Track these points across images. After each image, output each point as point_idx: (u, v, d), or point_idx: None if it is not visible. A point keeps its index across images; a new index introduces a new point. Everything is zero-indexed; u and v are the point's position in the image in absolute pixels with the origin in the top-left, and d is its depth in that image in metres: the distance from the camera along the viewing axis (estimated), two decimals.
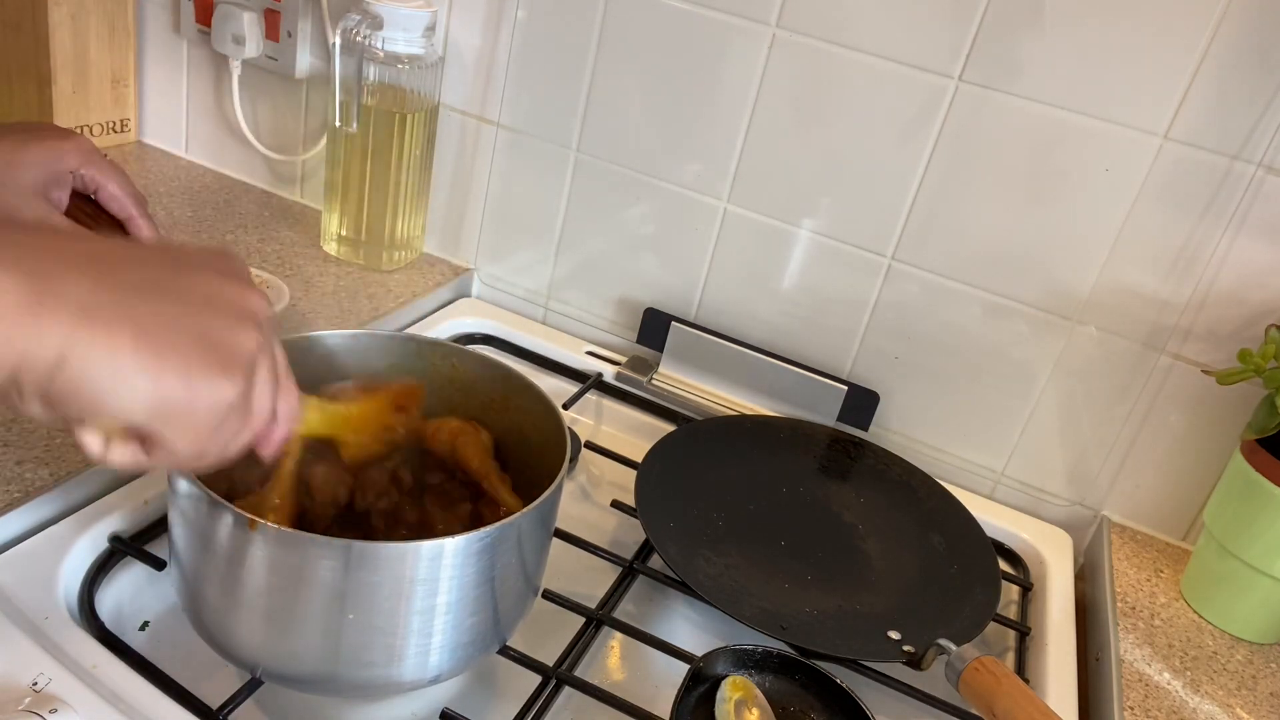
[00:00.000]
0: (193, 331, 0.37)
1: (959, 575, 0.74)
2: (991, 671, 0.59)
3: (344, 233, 0.98)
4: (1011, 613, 0.77)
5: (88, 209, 0.62)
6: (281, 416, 0.44)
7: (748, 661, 0.60)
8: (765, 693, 0.58)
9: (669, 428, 0.86)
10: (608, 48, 0.89)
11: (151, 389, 0.35)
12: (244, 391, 0.39)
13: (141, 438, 0.38)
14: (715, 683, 0.58)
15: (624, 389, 0.93)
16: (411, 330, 0.93)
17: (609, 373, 0.94)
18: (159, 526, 0.63)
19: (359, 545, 0.47)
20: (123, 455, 0.38)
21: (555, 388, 0.92)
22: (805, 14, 0.81)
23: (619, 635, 0.66)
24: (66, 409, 0.35)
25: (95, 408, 0.35)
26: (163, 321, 0.36)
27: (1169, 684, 0.69)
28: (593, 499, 0.81)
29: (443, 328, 0.95)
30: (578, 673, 0.61)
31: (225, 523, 0.48)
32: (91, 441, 0.38)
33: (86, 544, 0.59)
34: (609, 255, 0.96)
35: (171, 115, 1.13)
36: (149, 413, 0.36)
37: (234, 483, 0.55)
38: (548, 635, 0.62)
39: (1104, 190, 0.77)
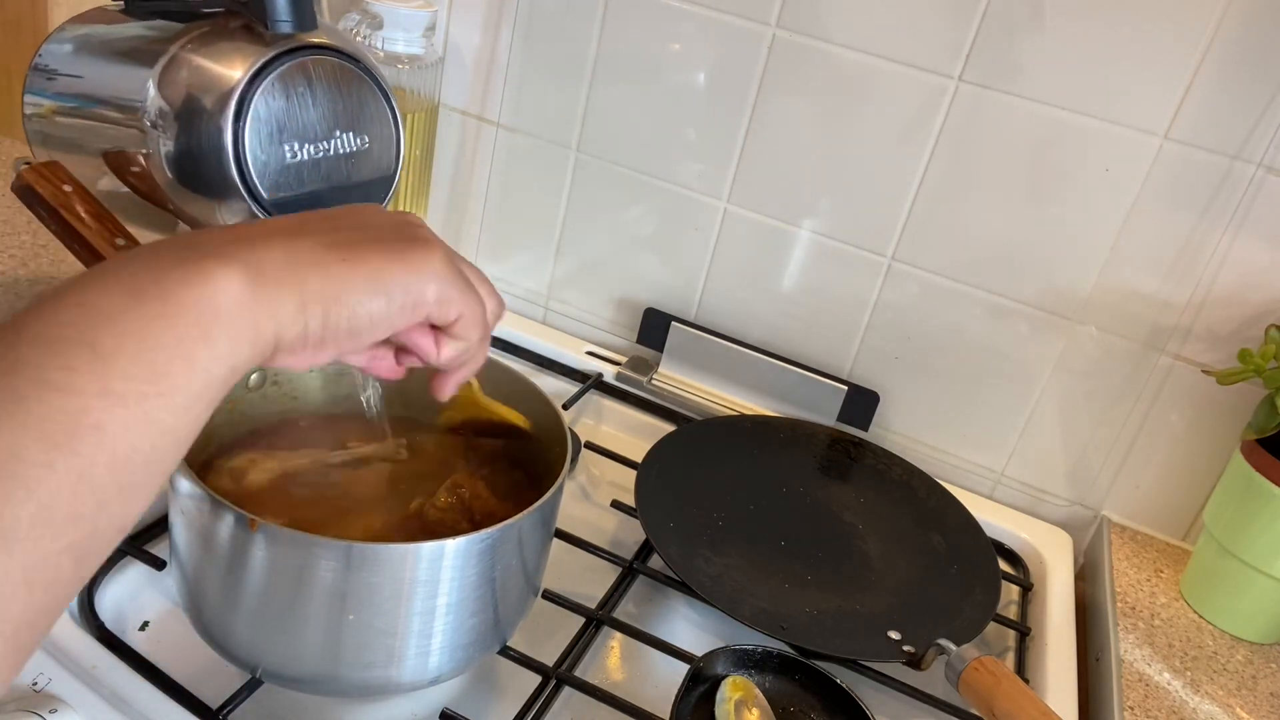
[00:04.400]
0: (375, 238, 0.40)
1: (959, 575, 0.74)
2: (991, 671, 0.59)
3: None
4: (1011, 613, 0.77)
5: None
6: (488, 291, 0.46)
7: (748, 661, 0.60)
8: (765, 693, 0.58)
9: (669, 428, 0.86)
10: (608, 48, 0.89)
11: (378, 284, 0.39)
12: (447, 255, 0.42)
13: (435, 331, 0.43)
14: (715, 683, 0.58)
15: (624, 389, 0.93)
16: None
17: (609, 373, 0.94)
18: (159, 526, 0.63)
19: (359, 546, 0.47)
20: (450, 347, 0.43)
21: (555, 388, 0.92)
22: (805, 14, 0.81)
23: (619, 635, 0.66)
24: (345, 337, 0.38)
25: (355, 321, 0.38)
26: (351, 241, 0.39)
27: (1169, 684, 0.69)
28: (593, 499, 0.81)
29: None
30: (578, 673, 0.61)
31: (225, 523, 0.48)
32: (425, 345, 0.43)
33: None
34: (609, 255, 0.96)
35: None
36: (394, 302, 0.39)
37: None
38: (548, 635, 0.62)
39: (1104, 190, 0.77)
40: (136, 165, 0.55)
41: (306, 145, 0.55)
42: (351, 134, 0.57)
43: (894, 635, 0.67)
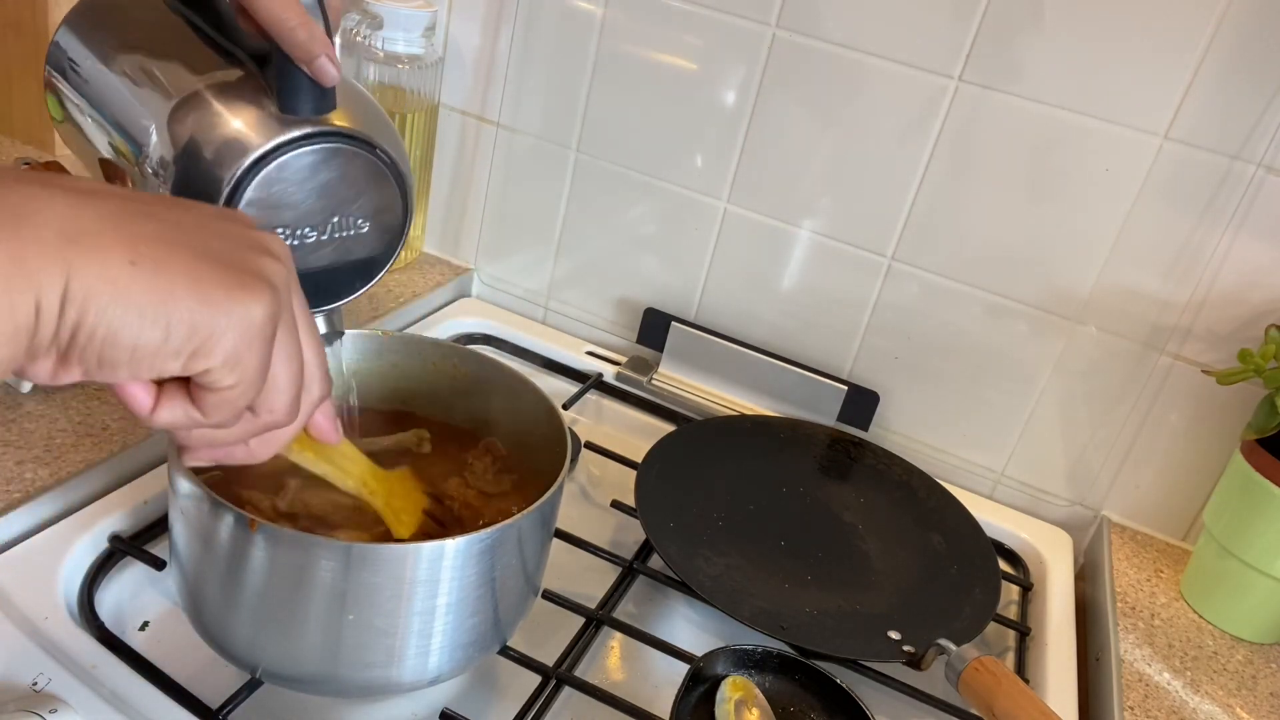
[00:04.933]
0: (199, 249, 0.33)
1: (959, 575, 0.74)
2: (991, 671, 0.59)
3: None
4: (1011, 613, 0.77)
5: None
6: (310, 376, 0.38)
7: (748, 661, 0.60)
8: (765, 693, 0.58)
9: (669, 428, 0.86)
10: (608, 48, 0.89)
11: (161, 309, 0.32)
12: (273, 314, 0.34)
13: (188, 389, 0.34)
14: (715, 683, 0.58)
15: (624, 389, 0.93)
16: (411, 330, 0.93)
17: (609, 373, 0.94)
18: (159, 526, 0.63)
19: (359, 546, 0.47)
20: (172, 412, 0.35)
21: (555, 388, 0.92)
22: (805, 14, 0.81)
23: (619, 635, 0.66)
24: (94, 360, 0.32)
25: (113, 346, 0.31)
26: (164, 239, 0.32)
27: (1169, 684, 0.69)
28: (593, 499, 0.81)
29: (443, 328, 0.95)
30: (578, 673, 0.61)
31: (225, 523, 0.48)
32: (136, 396, 0.34)
33: (86, 544, 0.59)
34: (609, 255, 0.96)
35: None
36: (170, 342, 0.32)
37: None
38: (548, 635, 0.62)
39: (1104, 190, 0.77)
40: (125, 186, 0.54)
41: (303, 229, 0.51)
42: (356, 218, 0.53)
43: (894, 635, 0.67)
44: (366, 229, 0.53)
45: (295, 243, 0.51)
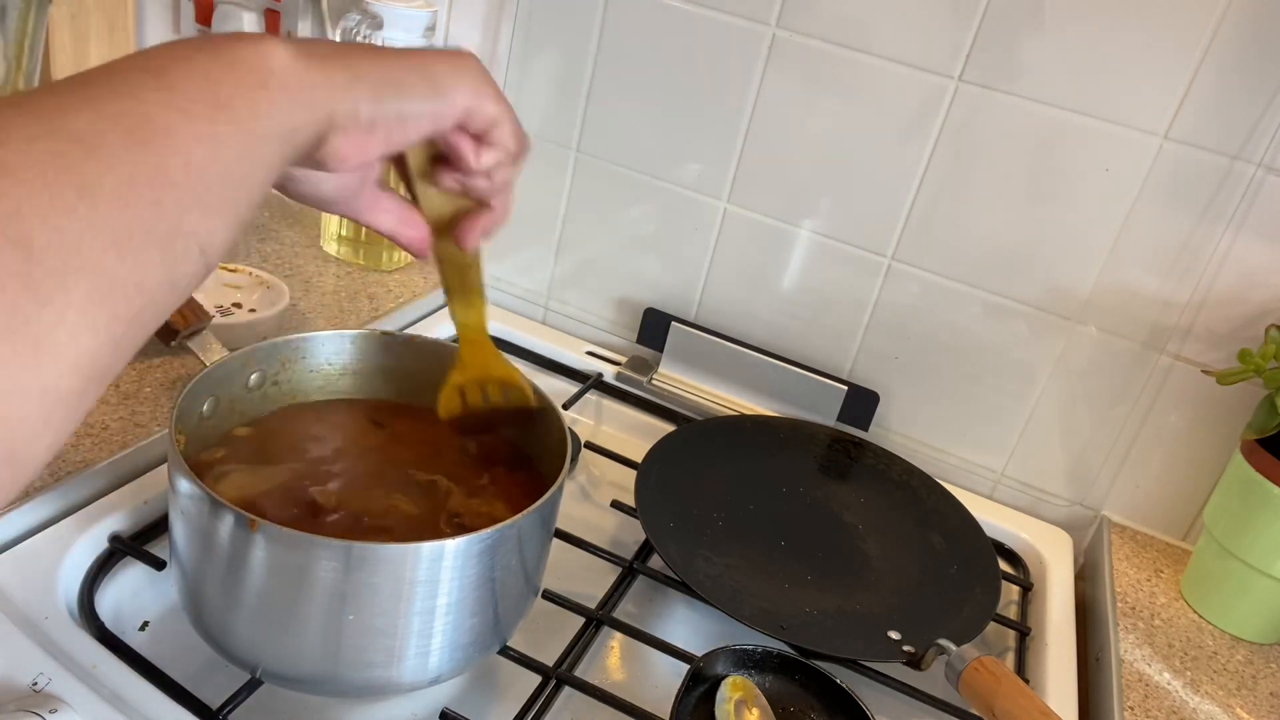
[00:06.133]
0: (414, 51, 0.42)
1: (959, 575, 0.74)
2: (991, 671, 0.59)
3: (344, 233, 0.98)
4: (1011, 613, 0.77)
5: None
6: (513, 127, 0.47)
7: (748, 661, 0.60)
8: (765, 693, 0.58)
9: (669, 428, 0.86)
10: (608, 48, 0.89)
11: (423, 71, 0.41)
12: (481, 64, 0.44)
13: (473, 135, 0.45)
14: (715, 683, 0.58)
15: (624, 389, 0.93)
16: (411, 330, 0.93)
17: (609, 373, 0.94)
18: (159, 526, 0.63)
19: (359, 546, 0.47)
20: (487, 154, 0.46)
21: (555, 388, 0.92)
22: (805, 14, 0.81)
23: (619, 635, 0.66)
24: (402, 126, 0.40)
25: (407, 111, 0.40)
26: (390, 50, 0.41)
27: (1169, 684, 0.69)
28: (593, 499, 0.81)
29: (443, 328, 0.95)
30: (578, 673, 0.61)
31: (225, 523, 0.48)
32: (465, 148, 0.45)
33: (86, 544, 0.59)
34: (609, 255, 0.96)
35: None
36: (442, 89, 0.41)
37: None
38: (548, 635, 0.62)
39: (1104, 190, 0.77)
40: None
41: None
42: None
43: (894, 635, 0.67)
44: None
45: None
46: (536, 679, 0.58)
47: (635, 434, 0.90)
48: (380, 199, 0.48)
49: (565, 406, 0.86)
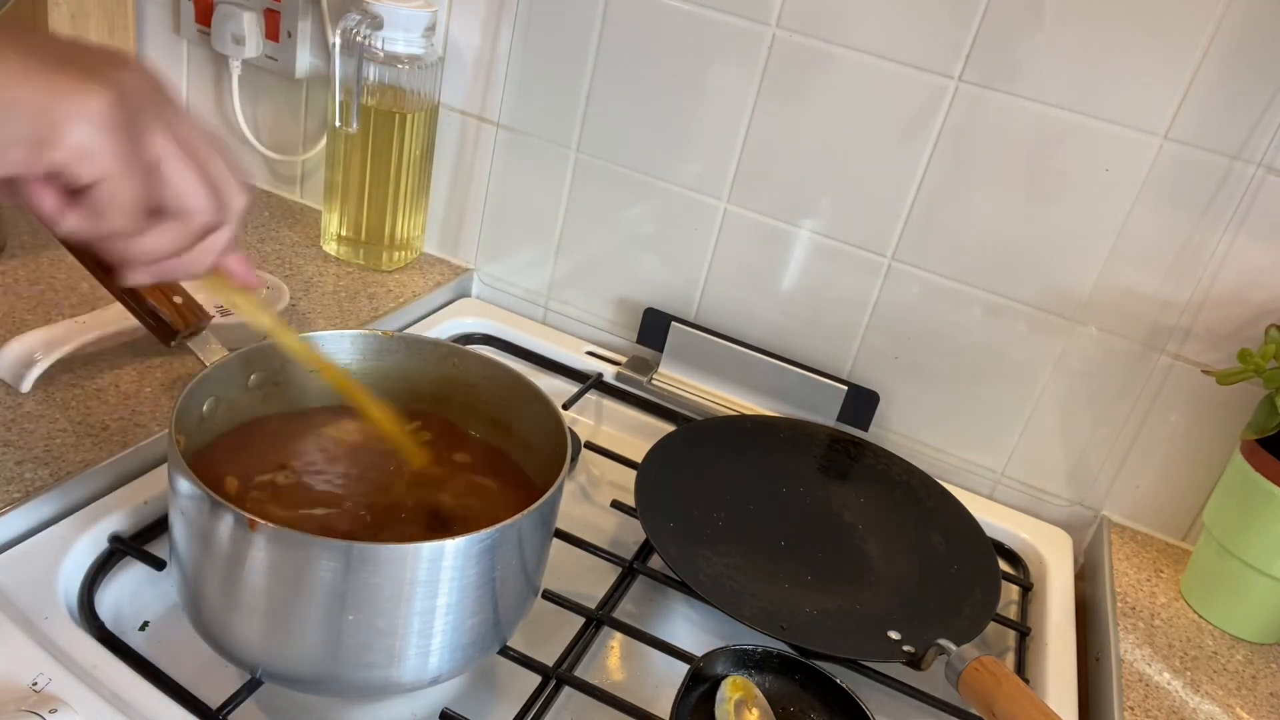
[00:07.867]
0: (53, 59, 0.34)
1: (959, 575, 0.74)
2: (991, 671, 0.59)
3: (344, 233, 0.98)
4: (1011, 613, 0.77)
5: None
6: (224, 182, 0.39)
7: (748, 661, 0.60)
8: (765, 693, 0.58)
9: (669, 428, 0.86)
10: (608, 47, 0.89)
11: (2, 92, 0.33)
12: (114, 104, 0.35)
13: (68, 193, 0.36)
14: (715, 683, 0.58)
15: (624, 389, 0.93)
16: (411, 330, 0.93)
17: (609, 373, 0.94)
18: (159, 526, 0.63)
19: (359, 546, 0.47)
20: (75, 216, 0.37)
21: (555, 388, 0.92)
22: (805, 14, 0.81)
23: (619, 635, 0.66)
24: None
25: None
26: (21, 53, 0.34)
27: (1169, 684, 0.69)
28: (593, 499, 0.81)
29: (443, 328, 0.95)
30: (578, 673, 0.61)
31: (225, 523, 0.48)
32: (44, 202, 0.36)
33: (86, 544, 0.59)
34: (609, 255, 0.96)
35: None
36: (14, 130, 0.33)
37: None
38: (548, 635, 0.62)
39: (1104, 190, 0.77)
40: None
41: None
42: None
43: (894, 635, 0.67)
44: None
45: None
46: (536, 679, 0.58)
47: (635, 434, 0.90)
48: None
49: (565, 406, 0.86)
